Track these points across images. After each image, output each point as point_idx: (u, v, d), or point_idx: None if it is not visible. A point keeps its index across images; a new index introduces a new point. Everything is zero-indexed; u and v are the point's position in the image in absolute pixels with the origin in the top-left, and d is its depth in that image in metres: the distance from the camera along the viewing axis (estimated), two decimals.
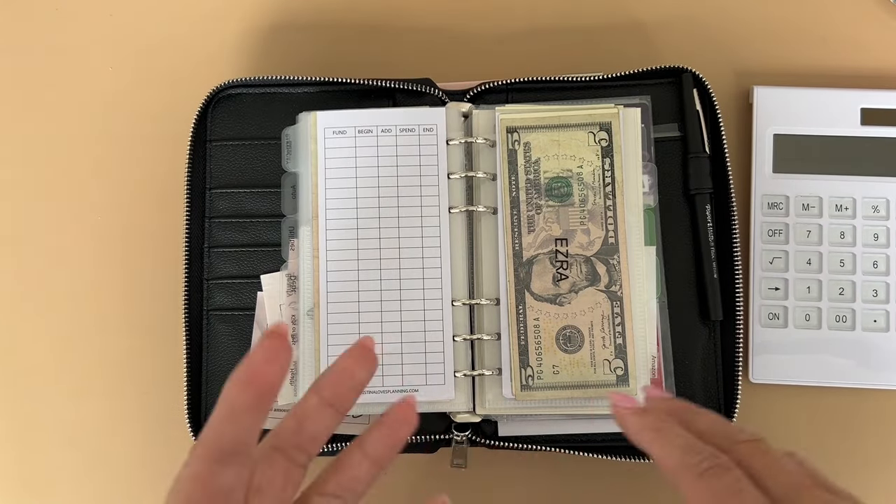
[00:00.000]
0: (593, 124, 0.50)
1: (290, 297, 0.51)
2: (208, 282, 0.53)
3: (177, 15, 0.60)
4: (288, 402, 0.51)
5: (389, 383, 0.49)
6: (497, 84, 0.53)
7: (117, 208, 0.58)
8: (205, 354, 0.53)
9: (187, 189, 0.53)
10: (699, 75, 0.52)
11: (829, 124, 0.54)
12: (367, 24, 0.60)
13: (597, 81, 0.53)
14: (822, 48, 0.58)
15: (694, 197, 0.52)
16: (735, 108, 0.57)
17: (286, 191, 0.52)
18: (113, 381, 0.57)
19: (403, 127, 0.51)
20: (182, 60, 0.60)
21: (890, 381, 0.53)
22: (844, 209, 0.54)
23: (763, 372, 0.53)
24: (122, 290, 0.58)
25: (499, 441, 0.50)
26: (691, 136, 0.53)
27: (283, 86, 0.54)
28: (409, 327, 0.49)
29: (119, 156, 0.59)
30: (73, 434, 0.56)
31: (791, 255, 0.54)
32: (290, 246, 0.52)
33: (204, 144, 0.54)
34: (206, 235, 0.54)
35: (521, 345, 0.49)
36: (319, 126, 0.51)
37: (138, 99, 0.59)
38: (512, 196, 0.50)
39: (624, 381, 0.48)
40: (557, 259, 0.49)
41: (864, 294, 0.53)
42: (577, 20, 0.59)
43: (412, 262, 0.50)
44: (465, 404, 0.49)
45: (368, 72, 0.55)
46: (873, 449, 0.54)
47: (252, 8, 0.60)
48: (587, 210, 0.49)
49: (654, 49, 0.58)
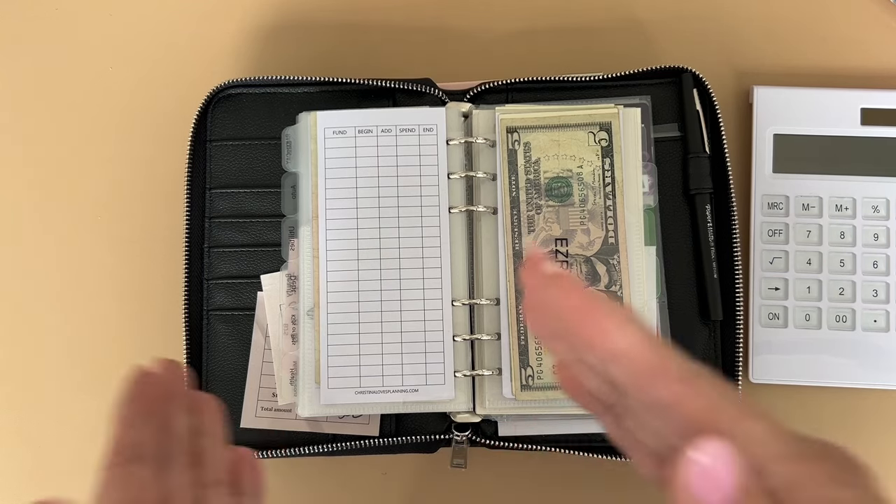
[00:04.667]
0: (593, 124, 0.50)
1: (290, 297, 0.51)
2: (208, 282, 0.53)
3: (177, 15, 0.60)
4: (288, 401, 0.51)
5: (389, 383, 0.49)
6: (497, 84, 0.53)
7: (117, 208, 0.58)
8: (205, 354, 0.53)
9: (187, 189, 0.53)
10: (699, 75, 0.52)
11: (829, 124, 0.54)
12: (367, 24, 0.60)
13: (597, 81, 0.53)
14: (822, 48, 0.58)
15: (694, 197, 0.52)
16: (735, 108, 0.57)
17: (286, 191, 0.52)
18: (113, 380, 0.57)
19: (403, 127, 0.51)
20: (182, 60, 0.60)
21: (890, 381, 0.53)
22: (844, 209, 0.54)
23: (763, 372, 0.53)
24: (122, 290, 0.58)
25: (499, 441, 0.50)
26: (691, 136, 0.53)
27: (283, 86, 0.54)
28: (409, 327, 0.49)
29: (119, 156, 0.59)
30: (73, 432, 0.56)
31: (791, 255, 0.54)
32: (290, 246, 0.52)
33: (204, 144, 0.54)
34: (206, 235, 0.54)
35: (521, 345, 0.48)
36: (319, 126, 0.51)
37: (138, 99, 0.59)
38: (512, 196, 0.50)
39: None
40: (557, 259, 0.49)
41: (864, 294, 0.53)
42: (577, 20, 0.59)
43: (412, 262, 0.50)
44: (465, 404, 0.49)
45: (368, 72, 0.55)
46: (873, 449, 0.54)
47: (252, 8, 0.60)
48: (587, 210, 0.49)
49: (654, 49, 0.58)
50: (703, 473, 0.24)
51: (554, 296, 0.28)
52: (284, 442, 0.51)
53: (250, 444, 0.52)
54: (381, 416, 0.52)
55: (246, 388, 0.52)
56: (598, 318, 0.27)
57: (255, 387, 0.52)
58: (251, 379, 0.52)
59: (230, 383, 0.52)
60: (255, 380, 0.52)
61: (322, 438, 0.52)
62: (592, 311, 0.27)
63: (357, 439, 0.51)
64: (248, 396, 0.52)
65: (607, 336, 0.27)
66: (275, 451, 0.50)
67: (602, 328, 0.27)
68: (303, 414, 0.49)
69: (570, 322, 0.28)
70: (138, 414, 0.33)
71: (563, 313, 0.28)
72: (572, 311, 0.28)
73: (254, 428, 0.52)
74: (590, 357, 0.28)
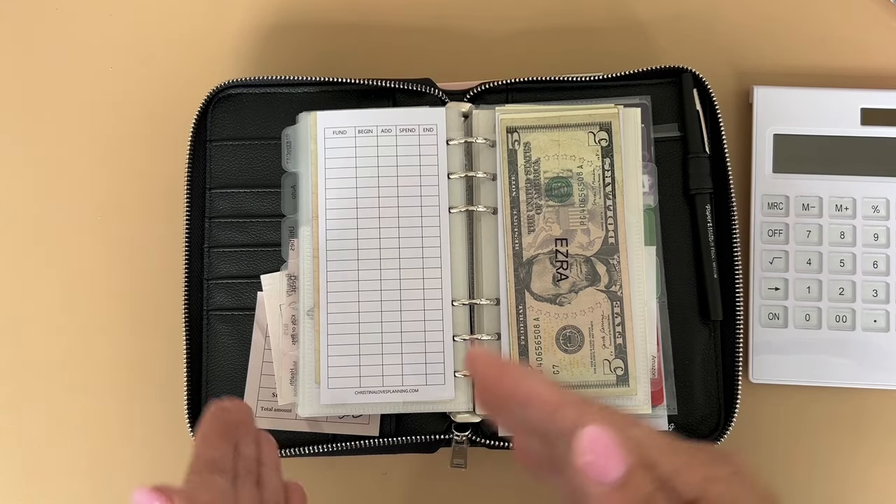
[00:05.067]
0: (593, 124, 0.50)
1: (290, 297, 0.51)
2: (208, 282, 0.53)
3: (177, 15, 0.60)
4: (288, 401, 0.51)
5: (389, 383, 0.49)
6: (497, 84, 0.53)
7: (117, 208, 0.58)
8: (205, 354, 0.53)
9: (187, 189, 0.53)
10: (699, 75, 0.52)
11: (829, 124, 0.54)
12: (367, 24, 0.60)
13: (597, 81, 0.53)
14: (822, 48, 0.58)
15: (694, 197, 0.52)
16: (735, 108, 0.57)
17: (286, 191, 0.52)
18: (113, 380, 0.57)
19: (403, 127, 0.51)
20: (182, 60, 0.60)
21: (890, 381, 0.53)
22: (844, 209, 0.54)
23: (763, 372, 0.53)
24: (122, 290, 0.57)
25: (499, 441, 0.50)
26: (691, 136, 0.53)
27: (283, 86, 0.54)
28: (409, 327, 0.49)
29: (119, 156, 0.59)
30: (73, 432, 0.56)
31: (791, 255, 0.54)
32: (290, 246, 0.52)
33: (204, 144, 0.54)
34: (206, 235, 0.54)
35: (521, 345, 0.48)
36: (319, 126, 0.51)
37: (138, 99, 0.59)
38: (512, 196, 0.50)
39: (624, 381, 0.48)
40: (557, 259, 0.49)
41: (864, 294, 0.53)
42: (578, 20, 0.59)
43: (412, 262, 0.50)
44: (465, 404, 0.49)
45: (368, 72, 0.55)
46: (873, 449, 0.54)
47: (252, 8, 0.60)
48: (587, 210, 0.49)
49: (654, 49, 0.58)
50: (591, 453, 0.29)
51: (488, 375, 0.35)
52: (284, 442, 0.51)
53: None
54: (381, 416, 0.52)
55: (246, 389, 0.52)
56: (511, 377, 0.34)
57: (255, 387, 0.52)
58: (251, 379, 0.52)
59: (230, 383, 0.52)
60: (255, 380, 0.52)
61: (322, 438, 0.52)
62: (509, 373, 0.34)
63: (357, 439, 0.51)
64: (248, 396, 0.52)
65: (518, 386, 0.33)
66: None
67: (513, 381, 0.34)
68: (303, 414, 0.49)
69: (498, 387, 0.34)
70: (217, 436, 0.38)
71: (491, 384, 0.35)
72: (497, 379, 0.34)
73: None
74: (515, 409, 0.34)
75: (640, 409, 0.48)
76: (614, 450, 0.29)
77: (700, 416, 0.51)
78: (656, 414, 0.49)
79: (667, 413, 0.50)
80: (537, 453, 0.36)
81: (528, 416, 0.33)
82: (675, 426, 0.50)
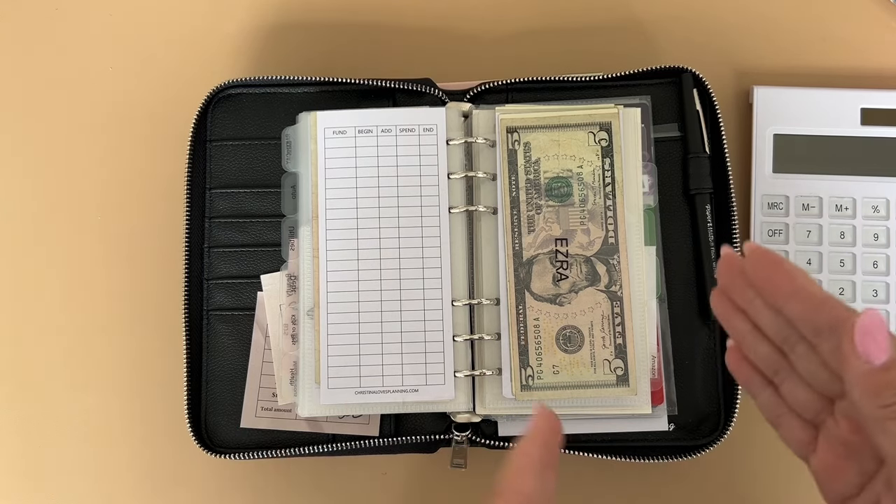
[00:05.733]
0: (593, 124, 0.50)
1: (290, 297, 0.51)
2: (208, 282, 0.54)
3: (177, 15, 0.60)
4: (288, 401, 0.51)
5: (389, 383, 0.49)
6: (497, 84, 0.53)
7: (117, 208, 0.58)
8: (205, 354, 0.53)
9: (187, 189, 0.53)
10: (699, 75, 0.52)
11: (829, 124, 0.54)
12: (367, 24, 0.60)
13: (597, 81, 0.53)
14: (822, 48, 0.58)
15: (694, 197, 0.52)
16: (735, 108, 0.57)
17: (286, 191, 0.52)
18: (113, 380, 0.57)
19: (403, 127, 0.51)
20: (182, 60, 0.60)
21: None
22: (844, 209, 0.54)
23: None
24: (122, 290, 0.57)
25: (499, 441, 0.50)
26: (691, 136, 0.53)
27: (283, 86, 0.54)
28: (409, 327, 0.49)
29: (119, 156, 0.59)
30: (73, 431, 0.56)
31: (791, 255, 0.54)
32: (290, 246, 0.52)
33: (204, 144, 0.54)
34: (206, 235, 0.54)
35: (521, 345, 0.49)
36: (319, 126, 0.51)
37: (138, 99, 0.59)
38: (512, 196, 0.50)
39: (624, 381, 0.48)
40: (557, 259, 0.49)
41: (864, 294, 0.53)
42: (578, 20, 0.59)
43: (412, 262, 0.50)
44: (465, 404, 0.49)
45: (368, 72, 0.55)
46: None
47: (252, 8, 0.60)
48: (587, 210, 0.49)
49: (654, 49, 0.58)
50: (865, 333, 0.32)
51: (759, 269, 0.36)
52: (284, 442, 0.51)
53: (250, 444, 0.52)
54: (380, 416, 0.52)
55: (246, 388, 0.52)
56: (786, 270, 0.35)
57: (255, 387, 0.52)
58: (251, 379, 0.52)
59: (230, 383, 0.52)
60: (255, 380, 0.52)
61: (322, 438, 0.52)
62: (783, 267, 0.36)
63: (357, 439, 0.51)
64: (248, 396, 0.52)
65: (793, 278, 0.35)
66: (275, 451, 0.50)
67: (789, 274, 0.35)
68: (303, 414, 0.49)
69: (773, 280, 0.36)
70: (531, 468, 0.39)
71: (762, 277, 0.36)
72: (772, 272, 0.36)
73: (254, 428, 0.52)
74: (776, 301, 0.35)
75: (640, 409, 0.48)
76: (887, 335, 0.32)
77: (700, 416, 0.51)
78: (656, 414, 0.49)
79: (667, 413, 0.50)
80: (764, 356, 0.37)
81: (790, 309, 0.35)
82: (675, 426, 0.50)
